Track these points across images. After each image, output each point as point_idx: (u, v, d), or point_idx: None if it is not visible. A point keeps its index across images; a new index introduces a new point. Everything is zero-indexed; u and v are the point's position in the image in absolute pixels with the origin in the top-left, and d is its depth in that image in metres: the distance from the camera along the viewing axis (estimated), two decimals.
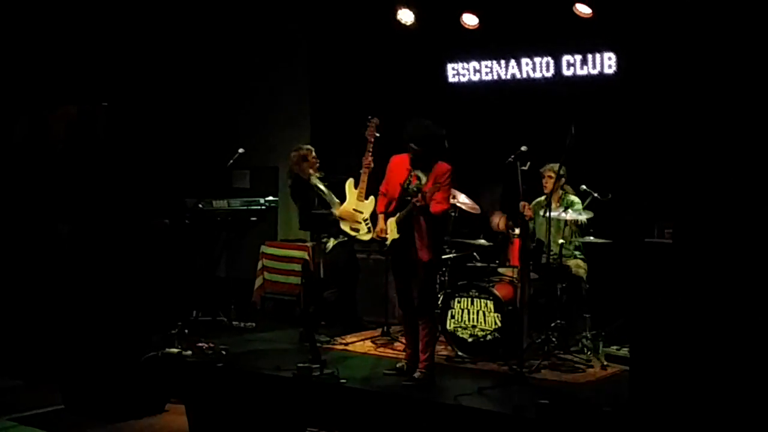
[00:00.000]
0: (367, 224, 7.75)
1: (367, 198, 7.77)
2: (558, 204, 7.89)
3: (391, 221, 6.84)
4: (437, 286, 7.99)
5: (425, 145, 6.81)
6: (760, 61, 7.52)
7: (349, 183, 7.85)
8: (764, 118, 7.42)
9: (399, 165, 6.97)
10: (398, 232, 6.82)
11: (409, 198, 6.73)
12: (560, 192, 7.99)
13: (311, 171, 8.16)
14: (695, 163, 7.67)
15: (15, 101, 9.61)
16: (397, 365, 7.15)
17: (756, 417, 5.19)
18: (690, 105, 7.96)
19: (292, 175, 8.20)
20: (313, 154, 8.24)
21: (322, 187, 8.14)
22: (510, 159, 7.17)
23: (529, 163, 7.17)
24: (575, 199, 7.91)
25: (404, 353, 7.25)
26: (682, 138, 7.93)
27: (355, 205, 7.78)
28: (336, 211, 7.92)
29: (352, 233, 7.83)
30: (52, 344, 8.01)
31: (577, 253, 7.98)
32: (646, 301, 5.77)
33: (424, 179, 6.77)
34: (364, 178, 7.74)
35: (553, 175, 7.76)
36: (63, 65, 9.45)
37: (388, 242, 6.88)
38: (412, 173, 6.80)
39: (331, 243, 8.16)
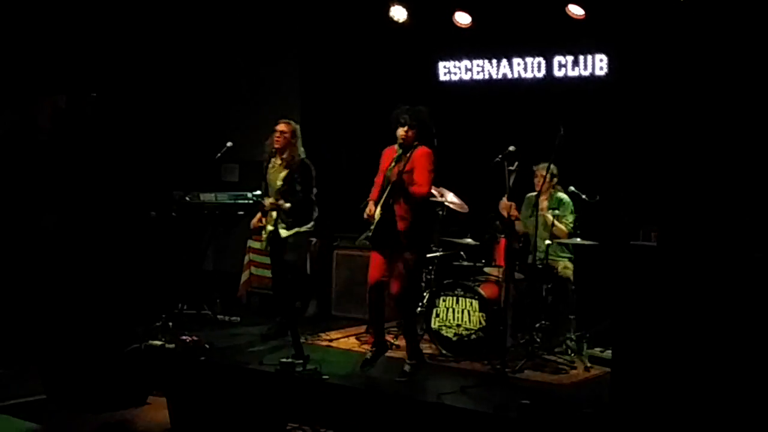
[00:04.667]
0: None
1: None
2: (547, 203, 7.89)
3: (378, 209, 6.83)
4: (422, 284, 8.02)
5: (417, 121, 6.86)
6: (750, 65, 7.55)
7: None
8: (752, 123, 7.45)
9: (388, 154, 7.02)
10: (381, 215, 6.79)
11: (390, 182, 6.78)
12: (551, 191, 7.98)
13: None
14: (682, 167, 7.71)
15: (1, 91, 9.55)
16: (368, 356, 7.14)
17: (737, 419, 5.19)
18: (680, 109, 7.99)
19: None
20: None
21: None
22: (498, 158, 7.17)
23: (517, 163, 7.16)
24: (564, 197, 7.90)
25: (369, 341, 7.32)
26: (671, 142, 7.95)
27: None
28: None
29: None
30: (35, 334, 7.96)
31: (563, 254, 7.98)
32: (629, 304, 5.78)
33: (403, 165, 6.80)
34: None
35: (544, 173, 7.76)
36: (51, 55, 9.40)
37: (372, 227, 6.81)
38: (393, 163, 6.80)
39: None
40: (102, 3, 9.52)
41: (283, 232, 7.89)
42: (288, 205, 7.81)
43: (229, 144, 8.20)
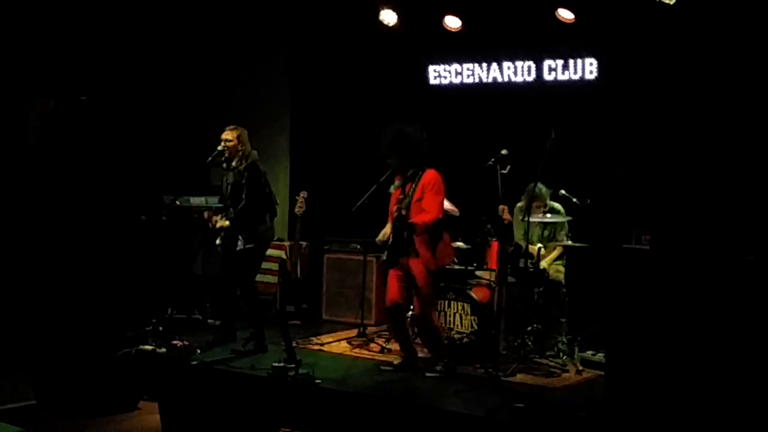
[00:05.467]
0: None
1: None
2: (540, 211, 7.90)
3: (388, 227, 7.14)
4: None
5: (397, 151, 6.94)
6: (740, 68, 7.59)
7: None
8: (744, 125, 7.48)
9: (394, 197, 7.22)
10: (393, 237, 7.04)
11: (400, 207, 6.99)
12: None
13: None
14: (674, 170, 7.73)
15: None
16: (395, 363, 7.29)
17: (731, 421, 5.21)
18: (670, 112, 8.02)
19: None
20: None
21: None
22: (490, 162, 7.18)
23: (509, 167, 7.17)
24: (556, 205, 7.93)
25: (400, 353, 7.39)
26: (662, 145, 7.98)
27: None
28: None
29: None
30: (25, 339, 7.92)
31: (558, 260, 8.01)
32: (622, 307, 5.79)
33: (412, 191, 6.99)
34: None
35: (546, 205, 7.83)
36: (41, 58, 9.36)
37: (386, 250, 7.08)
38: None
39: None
40: (91, 7, 9.48)
41: (238, 244, 7.67)
42: (226, 222, 7.62)
43: (219, 148, 8.18)
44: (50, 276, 8.68)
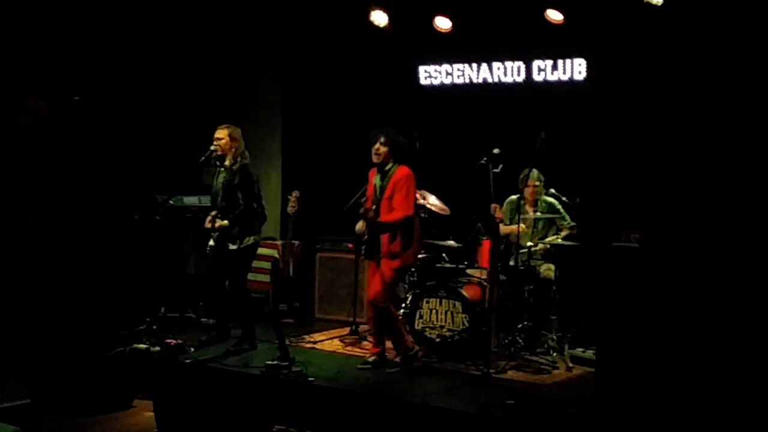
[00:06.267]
0: None
1: None
2: (533, 207, 7.98)
3: (363, 223, 7.24)
4: (405, 285, 8.14)
5: (386, 136, 7.12)
6: (728, 66, 7.66)
7: None
8: (734, 124, 7.56)
9: (371, 176, 7.36)
10: (366, 234, 7.22)
11: (373, 207, 7.17)
12: (537, 197, 8.08)
13: None
14: (664, 169, 7.81)
15: None
16: (369, 359, 7.33)
17: (720, 417, 5.29)
18: (659, 112, 8.09)
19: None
20: None
21: None
22: (482, 161, 7.25)
23: (501, 166, 7.25)
24: (553, 201, 8.01)
25: (371, 350, 7.43)
26: (651, 144, 8.06)
27: None
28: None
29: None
30: (19, 338, 7.95)
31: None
32: (612, 305, 5.86)
33: (384, 186, 7.13)
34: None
35: (538, 184, 7.89)
36: (33, 58, 9.37)
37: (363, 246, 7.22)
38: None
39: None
40: (84, 7, 9.50)
41: (230, 246, 7.68)
42: (225, 222, 7.58)
43: (212, 148, 8.22)
44: (44, 275, 8.69)
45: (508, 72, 9.14)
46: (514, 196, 8.01)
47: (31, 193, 9.36)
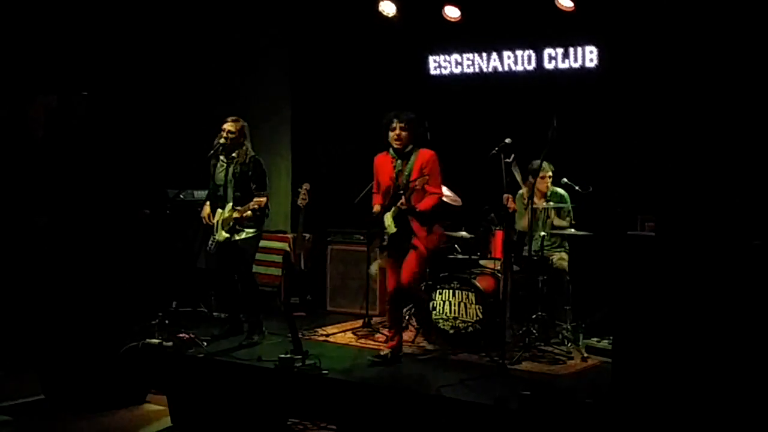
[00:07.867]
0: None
1: None
2: (542, 198, 7.93)
3: (388, 216, 6.97)
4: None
5: (410, 123, 7.01)
6: (741, 55, 7.60)
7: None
8: (745, 111, 7.49)
9: (383, 161, 7.18)
10: (395, 227, 6.94)
11: (401, 192, 6.85)
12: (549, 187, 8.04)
13: None
14: (677, 156, 7.74)
15: None
16: (381, 353, 7.22)
17: (737, 409, 5.24)
18: (671, 99, 8.03)
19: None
20: None
21: None
22: (494, 151, 7.20)
23: (513, 155, 7.20)
24: (563, 192, 7.96)
25: (387, 343, 7.31)
26: (664, 131, 8.00)
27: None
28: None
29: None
30: (32, 334, 7.94)
31: (563, 245, 8.06)
32: (628, 294, 5.82)
33: (407, 171, 6.86)
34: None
35: (551, 175, 7.85)
36: (42, 54, 9.36)
37: (386, 236, 6.98)
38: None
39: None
40: (92, 3, 9.48)
41: (239, 235, 7.69)
42: (249, 213, 7.57)
43: (221, 141, 8.19)
44: (56, 272, 8.69)
45: (518, 61, 9.09)
46: (523, 190, 7.95)
47: (41, 190, 9.35)
